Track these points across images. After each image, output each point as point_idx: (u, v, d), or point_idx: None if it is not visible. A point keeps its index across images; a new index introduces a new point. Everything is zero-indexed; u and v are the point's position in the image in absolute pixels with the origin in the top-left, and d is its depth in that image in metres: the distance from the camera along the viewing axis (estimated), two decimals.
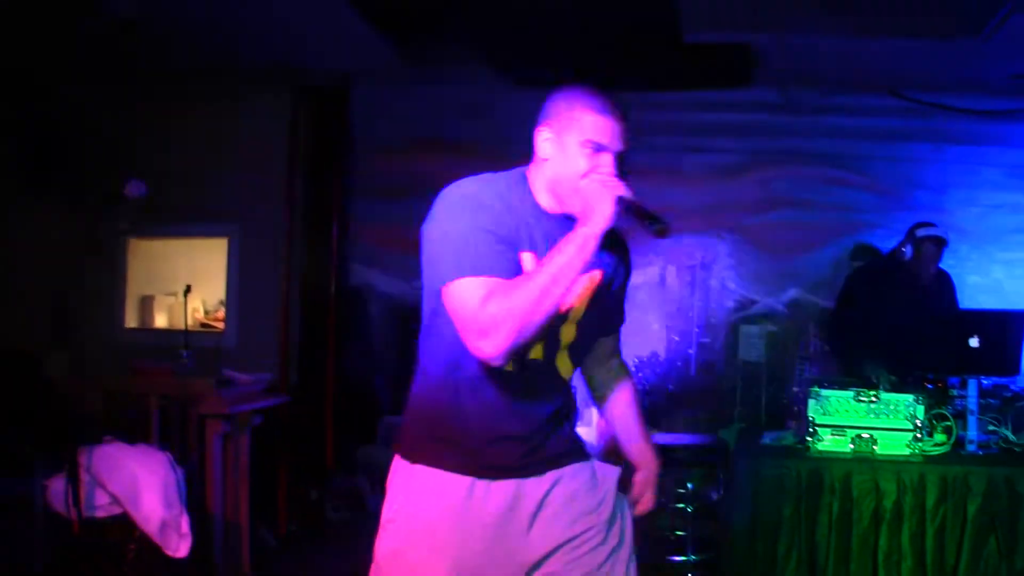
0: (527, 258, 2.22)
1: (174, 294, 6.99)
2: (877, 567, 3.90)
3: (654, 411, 6.36)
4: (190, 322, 5.97)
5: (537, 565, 2.33)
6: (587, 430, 5.36)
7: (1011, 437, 4.28)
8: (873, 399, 4.10)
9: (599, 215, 2.13)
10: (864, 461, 4.01)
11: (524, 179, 2.34)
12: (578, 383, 2.53)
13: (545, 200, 2.31)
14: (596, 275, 2.34)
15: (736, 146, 6.79)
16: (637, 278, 2.94)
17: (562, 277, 2.09)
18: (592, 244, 2.12)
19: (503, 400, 2.29)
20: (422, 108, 6.99)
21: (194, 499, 4.36)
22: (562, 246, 2.12)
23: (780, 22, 5.23)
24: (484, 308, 2.07)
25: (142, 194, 5.99)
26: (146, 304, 7.18)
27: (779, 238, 6.58)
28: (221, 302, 7.10)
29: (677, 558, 5.24)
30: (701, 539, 5.22)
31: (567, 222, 2.24)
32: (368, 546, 2.32)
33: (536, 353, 2.29)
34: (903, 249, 5.38)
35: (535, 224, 2.28)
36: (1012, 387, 4.75)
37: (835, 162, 6.49)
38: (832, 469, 3.95)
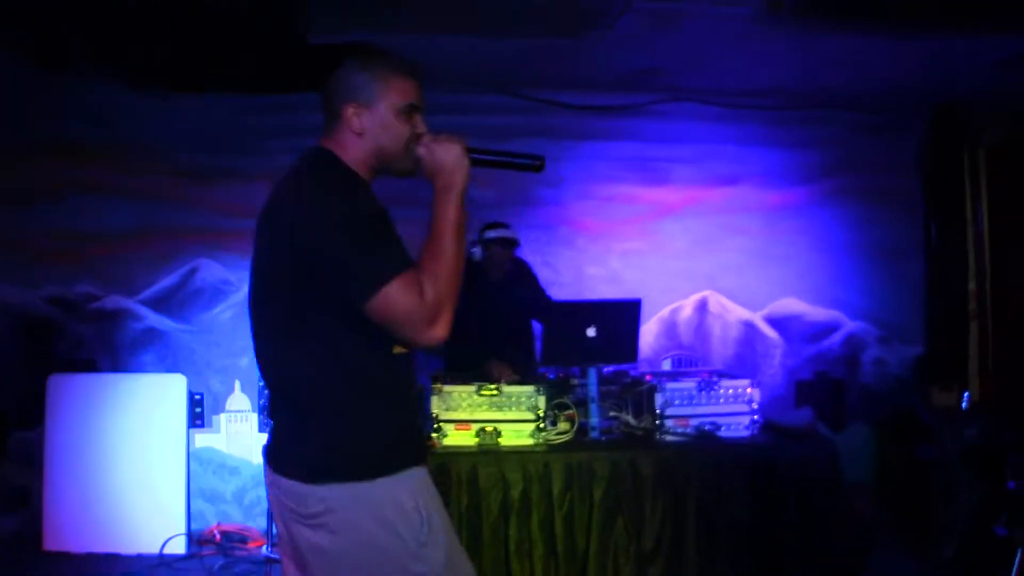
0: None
1: None
2: (510, 556, 3.96)
3: None
4: None
5: None
6: None
7: (632, 422, 4.45)
8: (495, 392, 4.17)
9: (459, 171, 2.27)
10: (489, 453, 4.08)
11: (339, 159, 2.30)
12: None
13: (365, 173, 2.34)
14: None
15: None
16: None
17: (461, 237, 2.23)
18: (463, 198, 2.27)
19: (412, 390, 2.39)
20: (43, 112, 6.40)
21: None
22: (443, 211, 2.24)
23: (396, 21, 5.21)
24: (424, 297, 2.12)
25: None
26: None
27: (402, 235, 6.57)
28: None
29: None
30: None
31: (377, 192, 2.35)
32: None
33: None
34: (473, 250, 5.31)
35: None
36: (632, 373, 4.97)
37: None
38: (458, 463, 3.99)
